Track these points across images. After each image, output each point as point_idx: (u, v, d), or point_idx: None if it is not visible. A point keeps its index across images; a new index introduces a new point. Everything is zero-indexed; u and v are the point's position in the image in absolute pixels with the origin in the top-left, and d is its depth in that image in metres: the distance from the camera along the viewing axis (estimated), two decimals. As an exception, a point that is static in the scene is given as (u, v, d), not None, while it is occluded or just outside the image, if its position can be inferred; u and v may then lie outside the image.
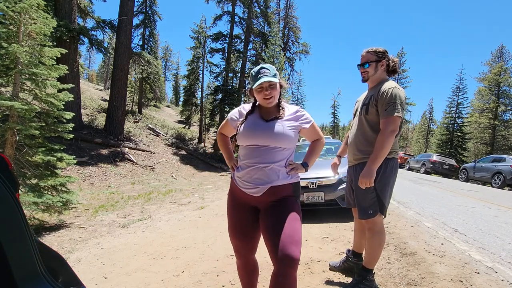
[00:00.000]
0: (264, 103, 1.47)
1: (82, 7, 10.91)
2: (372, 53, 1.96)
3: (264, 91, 1.43)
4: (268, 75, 1.42)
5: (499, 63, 22.44)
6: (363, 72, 2.01)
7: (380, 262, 2.60)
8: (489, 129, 22.12)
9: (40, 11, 3.63)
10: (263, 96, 1.44)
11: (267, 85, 1.43)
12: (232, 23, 17.96)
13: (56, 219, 4.14)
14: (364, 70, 1.99)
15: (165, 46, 42.98)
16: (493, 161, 11.14)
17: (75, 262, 2.80)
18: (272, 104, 1.47)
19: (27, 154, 3.70)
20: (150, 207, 5.38)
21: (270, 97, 1.44)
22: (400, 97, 1.80)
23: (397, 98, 1.79)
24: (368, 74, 1.98)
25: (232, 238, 1.55)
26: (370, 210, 1.89)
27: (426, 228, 3.60)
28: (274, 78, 1.43)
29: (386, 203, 1.92)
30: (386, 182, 1.90)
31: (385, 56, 1.96)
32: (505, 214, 4.57)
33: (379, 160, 1.78)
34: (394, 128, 1.77)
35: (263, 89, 1.43)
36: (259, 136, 1.44)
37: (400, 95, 1.81)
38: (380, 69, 1.96)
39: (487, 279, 2.17)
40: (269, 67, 1.46)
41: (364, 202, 1.91)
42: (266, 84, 1.43)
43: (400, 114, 1.78)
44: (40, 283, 0.64)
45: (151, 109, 24.79)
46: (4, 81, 3.61)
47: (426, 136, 33.43)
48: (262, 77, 1.41)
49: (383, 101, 1.82)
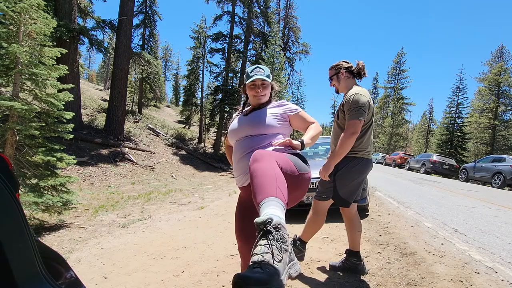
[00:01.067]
0: (254, 100, 1.56)
1: (82, 7, 10.91)
2: (330, 69, 2.27)
3: (256, 88, 1.52)
4: (262, 74, 1.51)
5: (499, 63, 22.46)
6: (332, 86, 2.30)
7: (380, 262, 2.60)
8: (489, 129, 22.13)
9: (40, 11, 3.63)
10: (255, 93, 1.52)
11: (259, 83, 1.52)
12: (232, 23, 17.96)
13: (56, 219, 4.14)
14: (331, 84, 2.29)
15: (165, 46, 43.04)
16: (493, 161, 11.13)
17: (75, 262, 2.79)
18: (261, 101, 1.55)
19: (27, 154, 3.70)
20: (150, 207, 5.38)
21: (262, 95, 1.53)
22: (359, 102, 1.97)
23: (357, 103, 1.97)
24: (336, 86, 2.26)
25: (237, 238, 1.58)
26: (324, 194, 2.22)
27: (426, 228, 3.60)
28: (268, 78, 1.52)
29: (342, 194, 2.14)
30: (346, 177, 2.12)
31: (340, 67, 2.21)
32: (505, 214, 4.57)
33: (337, 158, 2.03)
34: (354, 130, 1.96)
35: (256, 86, 1.52)
36: (240, 129, 1.51)
37: (360, 100, 1.98)
38: (342, 79, 2.20)
39: (487, 279, 2.17)
40: (264, 68, 1.55)
41: (322, 187, 2.23)
42: (259, 81, 1.52)
43: (359, 118, 1.95)
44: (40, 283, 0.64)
45: (151, 109, 24.80)
46: (4, 81, 3.61)
47: (426, 136, 33.43)
48: (256, 75, 1.50)
49: (347, 106, 2.03)
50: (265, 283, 0.68)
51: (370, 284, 2.18)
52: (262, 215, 0.89)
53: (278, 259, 0.77)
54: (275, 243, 0.79)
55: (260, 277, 0.69)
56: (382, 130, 36.01)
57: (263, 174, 1.03)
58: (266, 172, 1.04)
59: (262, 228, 0.82)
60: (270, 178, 1.01)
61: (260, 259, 0.75)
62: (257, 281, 0.68)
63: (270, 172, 1.03)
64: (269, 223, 0.82)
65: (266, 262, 0.74)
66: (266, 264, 0.74)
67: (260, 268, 0.72)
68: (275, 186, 0.98)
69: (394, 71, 37.47)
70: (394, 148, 32.24)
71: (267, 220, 0.82)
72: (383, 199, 5.76)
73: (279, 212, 0.90)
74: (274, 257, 0.77)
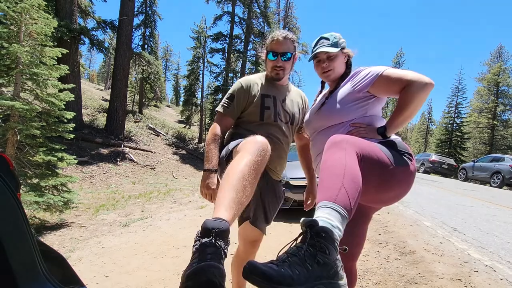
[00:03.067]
0: (323, 77, 1.34)
1: (82, 7, 10.92)
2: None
3: (322, 63, 1.28)
4: (325, 46, 1.25)
5: (498, 63, 22.50)
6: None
7: (379, 260, 2.61)
8: (488, 128, 22.17)
9: (41, 11, 3.65)
10: (321, 69, 1.29)
11: (324, 57, 1.27)
12: (232, 23, 17.97)
13: (57, 219, 4.15)
14: None
15: (165, 46, 43.05)
16: (492, 160, 11.15)
17: (76, 261, 2.81)
18: (331, 77, 1.30)
19: (28, 153, 3.71)
20: (151, 206, 5.39)
21: (329, 69, 1.28)
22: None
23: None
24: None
25: None
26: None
27: (425, 227, 3.61)
28: (333, 48, 1.24)
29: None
30: None
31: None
32: (504, 213, 4.59)
33: None
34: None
35: (321, 62, 1.29)
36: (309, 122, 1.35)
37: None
38: None
39: (486, 277, 2.19)
40: (329, 35, 1.28)
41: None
42: (323, 55, 1.27)
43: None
44: (41, 282, 0.64)
45: (152, 109, 24.79)
46: (5, 81, 3.63)
47: (425, 136, 33.46)
48: (318, 48, 1.26)
49: None
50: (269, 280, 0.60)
51: (369, 283, 2.20)
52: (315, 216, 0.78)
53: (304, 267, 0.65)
54: (309, 249, 0.68)
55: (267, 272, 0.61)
56: (382, 130, 35.98)
57: (330, 168, 0.85)
58: (335, 165, 0.85)
59: (304, 230, 0.73)
60: (336, 175, 0.82)
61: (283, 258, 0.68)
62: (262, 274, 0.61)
63: (339, 167, 0.84)
64: (311, 226, 0.71)
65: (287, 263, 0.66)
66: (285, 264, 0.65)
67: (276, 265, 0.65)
68: (338, 186, 0.80)
69: (394, 71, 37.44)
70: (394, 148, 32.21)
71: (311, 223, 0.71)
72: (382, 198, 5.76)
73: (333, 218, 0.75)
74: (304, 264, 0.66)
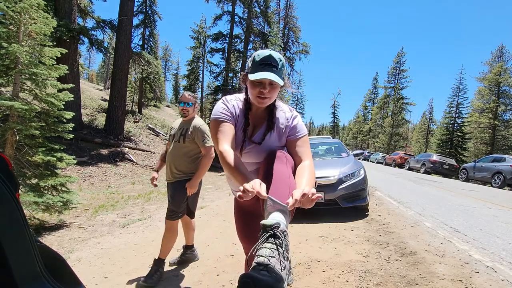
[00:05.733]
0: (255, 101, 1.20)
1: (82, 7, 10.91)
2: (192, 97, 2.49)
3: (262, 88, 1.14)
4: (274, 72, 1.13)
5: (499, 63, 22.46)
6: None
7: (380, 261, 2.60)
8: (489, 129, 22.14)
9: (40, 11, 3.63)
10: (258, 93, 1.16)
11: (267, 82, 1.14)
12: (232, 23, 17.96)
13: (56, 219, 4.14)
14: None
15: (165, 46, 42.98)
16: (493, 161, 11.13)
17: (75, 261, 2.80)
18: (264, 105, 1.21)
19: (27, 154, 3.70)
20: (150, 207, 5.38)
21: (266, 97, 1.17)
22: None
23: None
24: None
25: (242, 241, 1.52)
26: (180, 213, 2.46)
27: (426, 227, 3.60)
28: (279, 78, 1.14)
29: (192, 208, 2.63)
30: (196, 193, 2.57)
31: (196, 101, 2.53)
32: (505, 214, 4.57)
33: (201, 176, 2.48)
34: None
35: (262, 85, 1.15)
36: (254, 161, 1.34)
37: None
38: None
39: (487, 278, 2.18)
40: (278, 59, 1.16)
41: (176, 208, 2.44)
42: (267, 81, 1.14)
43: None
44: (40, 283, 0.64)
45: (151, 109, 24.77)
46: (4, 81, 3.61)
47: (426, 136, 33.43)
48: (267, 72, 1.12)
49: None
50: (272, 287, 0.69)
51: (370, 284, 2.18)
52: (269, 218, 0.91)
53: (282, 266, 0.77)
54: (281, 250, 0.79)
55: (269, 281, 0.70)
56: (382, 130, 36.01)
57: (282, 177, 1.06)
58: (285, 176, 1.07)
59: (269, 231, 0.83)
60: (286, 185, 1.03)
61: (265, 262, 0.75)
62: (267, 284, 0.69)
63: (286, 179, 1.06)
64: (277, 227, 0.83)
65: (272, 267, 0.74)
66: (272, 269, 0.74)
67: (267, 271, 0.73)
68: (287, 193, 0.97)
69: (394, 71, 37.49)
70: (394, 148, 32.25)
71: (275, 224, 0.84)
72: (383, 198, 5.76)
73: (286, 218, 0.92)
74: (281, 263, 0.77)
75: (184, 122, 2.47)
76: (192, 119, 2.46)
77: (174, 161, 2.41)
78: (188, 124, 2.43)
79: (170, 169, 2.43)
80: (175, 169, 2.41)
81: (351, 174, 4.42)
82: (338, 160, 5.26)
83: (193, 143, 2.39)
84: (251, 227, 1.44)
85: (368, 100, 45.20)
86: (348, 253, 2.87)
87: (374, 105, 42.76)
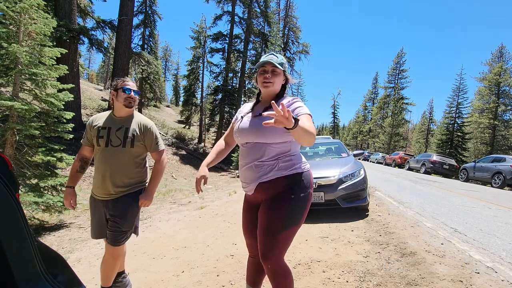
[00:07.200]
0: (262, 87, 1.44)
1: (82, 7, 10.91)
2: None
3: (266, 74, 1.40)
4: (274, 60, 1.40)
5: (499, 63, 22.48)
6: None
7: (380, 262, 2.60)
8: (489, 129, 22.14)
9: (40, 11, 3.64)
10: (263, 79, 1.40)
11: (269, 69, 1.40)
12: (232, 23, 17.97)
13: (56, 219, 4.14)
14: None
15: (165, 46, 43.03)
16: (493, 161, 11.12)
17: (75, 262, 2.79)
18: (269, 89, 1.42)
19: (27, 154, 3.70)
20: (150, 207, 5.38)
21: (270, 81, 1.40)
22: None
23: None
24: None
25: (244, 235, 1.60)
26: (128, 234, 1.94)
27: (426, 228, 3.60)
28: (280, 66, 1.40)
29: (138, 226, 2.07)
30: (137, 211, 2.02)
31: None
32: (505, 214, 4.57)
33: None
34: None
35: (265, 72, 1.41)
36: (243, 133, 1.43)
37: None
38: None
39: (487, 279, 2.17)
40: (278, 55, 1.45)
41: (126, 228, 1.89)
42: (269, 67, 1.40)
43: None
44: (40, 283, 0.64)
45: (151, 109, 24.79)
46: (4, 81, 3.62)
47: (426, 136, 33.44)
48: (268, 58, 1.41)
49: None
50: None
51: (370, 284, 2.18)
52: None
53: None
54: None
55: None
56: (382, 130, 36.01)
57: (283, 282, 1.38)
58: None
59: None
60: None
61: None
62: None
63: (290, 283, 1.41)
64: None
65: None
66: None
67: None
68: None
69: (394, 71, 37.50)
70: (394, 148, 32.23)
71: None
72: (383, 199, 5.76)
73: None
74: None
75: (120, 119, 1.87)
76: (131, 116, 1.90)
77: (116, 171, 1.83)
78: (127, 122, 1.87)
79: (111, 182, 1.82)
80: (120, 181, 1.84)
81: (351, 174, 4.42)
82: (338, 160, 5.26)
83: (142, 147, 1.91)
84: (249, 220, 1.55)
85: (368, 100, 45.22)
86: (348, 253, 2.87)
87: (374, 105, 42.77)
